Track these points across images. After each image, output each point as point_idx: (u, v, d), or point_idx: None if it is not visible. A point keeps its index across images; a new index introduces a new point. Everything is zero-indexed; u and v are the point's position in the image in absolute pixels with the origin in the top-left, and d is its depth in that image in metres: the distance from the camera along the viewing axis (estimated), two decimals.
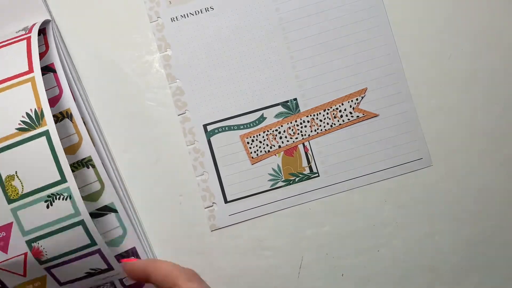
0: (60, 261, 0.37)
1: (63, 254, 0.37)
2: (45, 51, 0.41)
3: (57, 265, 0.37)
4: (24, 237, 0.36)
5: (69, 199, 0.36)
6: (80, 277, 0.39)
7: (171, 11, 0.43)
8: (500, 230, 0.42)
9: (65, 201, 0.36)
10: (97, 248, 0.37)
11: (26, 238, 0.36)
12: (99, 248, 0.37)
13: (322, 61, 0.42)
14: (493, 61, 0.42)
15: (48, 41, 0.41)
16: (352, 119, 0.42)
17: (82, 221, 0.36)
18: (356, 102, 0.42)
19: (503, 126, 0.42)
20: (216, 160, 0.42)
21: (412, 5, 0.43)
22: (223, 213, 0.42)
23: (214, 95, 0.42)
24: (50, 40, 0.41)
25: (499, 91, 0.42)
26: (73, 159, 0.40)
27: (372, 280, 0.42)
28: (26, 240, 0.36)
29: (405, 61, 0.42)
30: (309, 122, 0.42)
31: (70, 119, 0.40)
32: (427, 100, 0.42)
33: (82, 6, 0.43)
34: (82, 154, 0.40)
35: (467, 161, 0.42)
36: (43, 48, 0.41)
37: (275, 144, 0.42)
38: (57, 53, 0.41)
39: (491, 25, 0.43)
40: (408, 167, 0.42)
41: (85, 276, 0.39)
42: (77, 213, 0.36)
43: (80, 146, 0.40)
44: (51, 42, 0.41)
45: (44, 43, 0.41)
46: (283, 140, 0.42)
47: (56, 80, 0.41)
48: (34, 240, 0.36)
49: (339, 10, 0.42)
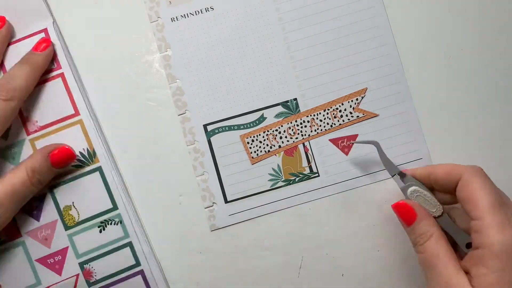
0: (107, 283, 0.41)
1: (110, 275, 0.41)
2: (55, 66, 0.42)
3: (103, 287, 0.41)
4: (78, 259, 0.41)
5: (119, 224, 0.41)
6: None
7: (171, 11, 0.43)
8: None
9: (116, 226, 0.41)
10: (141, 268, 0.41)
11: (79, 260, 0.41)
12: (142, 268, 0.41)
13: (322, 61, 0.42)
14: (493, 61, 0.42)
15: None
16: (352, 119, 0.42)
17: (130, 242, 0.41)
18: (356, 102, 0.42)
19: (503, 126, 0.42)
20: (216, 160, 0.42)
21: (412, 5, 0.43)
22: (223, 213, 0.42)
23: (214, 95, 0.42)
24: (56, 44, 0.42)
25: (499, 91, 0.42)
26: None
27: (372, 280, 0.41)
28: (79, 262, 0.41)
29: (405, 61, 0.42)
30: (309, 122, 0.42)
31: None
32: (427, 100, 0.42)
33: (82, 6, 0.43)
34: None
35: (467, 161, 0.42)
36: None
37: (275, 144, 0.42)
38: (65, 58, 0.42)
39: (491, 25, 0.43)
40: (408, 167, 0.42)
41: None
42: (126, 235, 0.41)
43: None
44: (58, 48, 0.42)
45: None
46: (283, 140, 0.42)
47: (65, 85, 0.42)
48: (86, 262, 0.41)
49: (339, 10, 0.42)
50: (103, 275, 0.41)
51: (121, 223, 0.41)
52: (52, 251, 0.41)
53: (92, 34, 0.43)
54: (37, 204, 0.41)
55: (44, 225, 0.41)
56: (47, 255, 0.41)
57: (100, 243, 0.41)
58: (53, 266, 0.41)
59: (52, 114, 0.41)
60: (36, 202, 0.41)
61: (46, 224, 0.41)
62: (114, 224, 0.41)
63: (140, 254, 0.41)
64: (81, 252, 0.41)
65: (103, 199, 0.41)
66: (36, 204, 0.41)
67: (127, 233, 0.41)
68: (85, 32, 0.43)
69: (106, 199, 0.41)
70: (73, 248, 0.41)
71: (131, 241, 0.41)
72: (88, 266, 0.41)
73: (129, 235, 0.41)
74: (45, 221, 0.41)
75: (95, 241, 0.41)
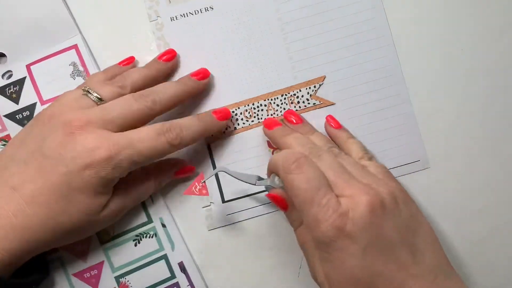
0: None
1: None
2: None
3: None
4: (114, 273, 0.41)
5: (154, 237, 0.41)
6: None
7: (171, 10, 0.43)
8: (500, 231, 0.41)
9: (151, 239, 0.41)
10: (176, 281, 0.41)
11: (115, 274, 0.41)
12: (177, 281, 0.41)
13: (321, 62, 0.43)
14: (493, 61, 0.42)
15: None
16: (308, 106, 0.42)
17: (165, 255, 0.41)
18: (314, 89, 0.42)
19: (502, 128, 0.42)
20: (214, 159, 0.42)
21: (411, 7, 0.43)
22: (221, 212, 0.42)
23: (215, 95, 0.43)
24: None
25: (499, 92, 0.42)
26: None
27: None
28: (115, 276, 0.41)
29: (403, 63, 0.42)
30: (265, 106, 0.42)
31: None
32: (425, 102, 0.42)
33: (82, 6, 0.43)
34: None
35: (465, 163, 0.42)
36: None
37: (230, 125, 0.42)
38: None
39: (491, 25, 0.42)
40: (406, 169, 0.42)
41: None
42: (161, 248, 0.41)
43: None
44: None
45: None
46: (239, 122, 0.42)
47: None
48: (122, 276, 0.41)
49: (339, 11, 0.42)
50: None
51: (155, 235, 0.41)
52: (88, 265, 0.41)
53: (91, 34, 0.43)
54: None
55: (80, 239, 0.39)
56: (84, 269, 0.41)
57: (135, 257, 0.41)
58: (89, 280, 0.41)
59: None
60: None
61: (82, 239, 0.40)
62: (149, 237, 0.41)
63: (175, 266, 0.41)
64: (117, 266, 0.41)
65: (138, 213, 0.42)
66: None
67: (162, 246, 0.41)
68: (84, 32, 0.43)
69: (141, 213, 0.42)
70: (109, 262, 0.41)
71: (166, 254, 0.41)
72: (124, 279, 0.41)
73: (164, 247, 0.41)
74: None
75: (131, 255, 0.41)
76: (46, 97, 0.42)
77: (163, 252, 0.41)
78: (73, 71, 0.42)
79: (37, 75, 0.42)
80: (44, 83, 0.42)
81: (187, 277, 0.41)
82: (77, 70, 0.42)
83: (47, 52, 0.42)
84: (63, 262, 0.41)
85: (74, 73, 0.42)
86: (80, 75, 0.42)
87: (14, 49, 0.43)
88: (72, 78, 0.42)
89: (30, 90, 0.42)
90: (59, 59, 0.42)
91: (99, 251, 0.41)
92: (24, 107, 0.42)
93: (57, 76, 0.42)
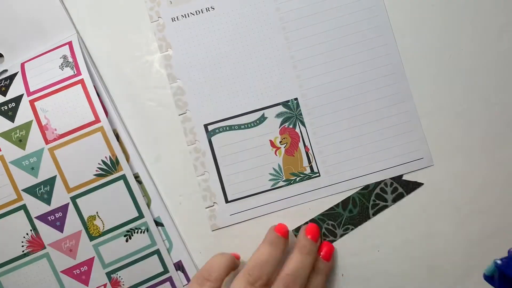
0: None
1: (138, 283, 0.41)
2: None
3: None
4: (104, 269, 0.41)
5: (146, 232, 0.41)
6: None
7: (172, 11, 0.43)
8: (500, 230, 0.42)
9: (142, 234, 0.41)
10: (169, 275, 0.41)
11: (106, 270, 0.41)
12: (171, 275, 0.41)
13: (323, 60, 0.42)
14: (493, 61, 0.42)
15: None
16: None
17: (158, 250, 0.41)
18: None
19: (503, 125, 0.42)
20: (217, 160, 0.42)
21: (412, 5, 0.42)
22: (224, 213, 0.42)
23: (215, 95, 0.42)
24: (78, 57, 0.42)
25: (499, 90, 0.42)
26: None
27: (372, 280, 0.42)
28: (106, 272, 0.41)
29: (405, 61, 0.42)
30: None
31: (117, 139, 0.41)
32: (427, 99, 0.42)
33: (82, 6, 0.43)
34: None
35: (468, 161, 0.42)
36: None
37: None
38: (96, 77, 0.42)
39: (491, 25, 0.42)
40: (409, 166, 0.42)
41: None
42: (153, 243, 0.41)
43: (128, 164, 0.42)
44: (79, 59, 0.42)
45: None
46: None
47: (85, 92, 0.41)
48: (113, 272, 0.41)
49: (340, 10, 0.42)
50: (131, 283, 0.41)
51: (147, 230, 0.41)
52: (78, 262, 0.41)
53: (91, 34, 0.43)
54: (60, 215, 0.40)
55: (67, 236, 0.40)
56: (72, 266, 0.41)
57: (126, 252, 0.41)
58: (79, 277, 0.41)
59: (71, 121, 0.41)
60: (58, 213, 0.40)
61: (70, 235, 0.40)
62: (141, 232, 0.41)
63: (168, 261, 0.41)
64: (108, 261, 0.41)
65: (128, 207, 0.41)
66: (59, 215, 0.40)
67: (154, 241, 0.41)
68: (84, 32, 0.43)
69: (131, 208, 0.41)
70: (99, 258, 0.41)
71: (158, 249, 0.41)
72: (115, 275, 0.41)
73: (156, 243, 0.41)
74: (68, 232, 0.41)
75: (122, 251, 0.41)
76: (33, 88, 0.41)
77: (155, 247, 0.41)
78: (62, 63, 0.41)
79: (28, 69, 0.42)
80: (32, 75, 0.41)
81: (185, 276, 0.41)
82: (66, 62, 0.41)
83: (42, 50, 0.42)
84: (50, 259, 0.41)
85: (63, 65, 0.41)
86: (68, 65, 0.41)
87: (12, 49, 0.43)
88: (61, 69, 0.41)
89: (19, 83, 0.41)
90: (52, 55, 0.42)
91: (88, 247, 0.41)
92: (10, 99, 0.41)
93: (46, 68, 0.41)
